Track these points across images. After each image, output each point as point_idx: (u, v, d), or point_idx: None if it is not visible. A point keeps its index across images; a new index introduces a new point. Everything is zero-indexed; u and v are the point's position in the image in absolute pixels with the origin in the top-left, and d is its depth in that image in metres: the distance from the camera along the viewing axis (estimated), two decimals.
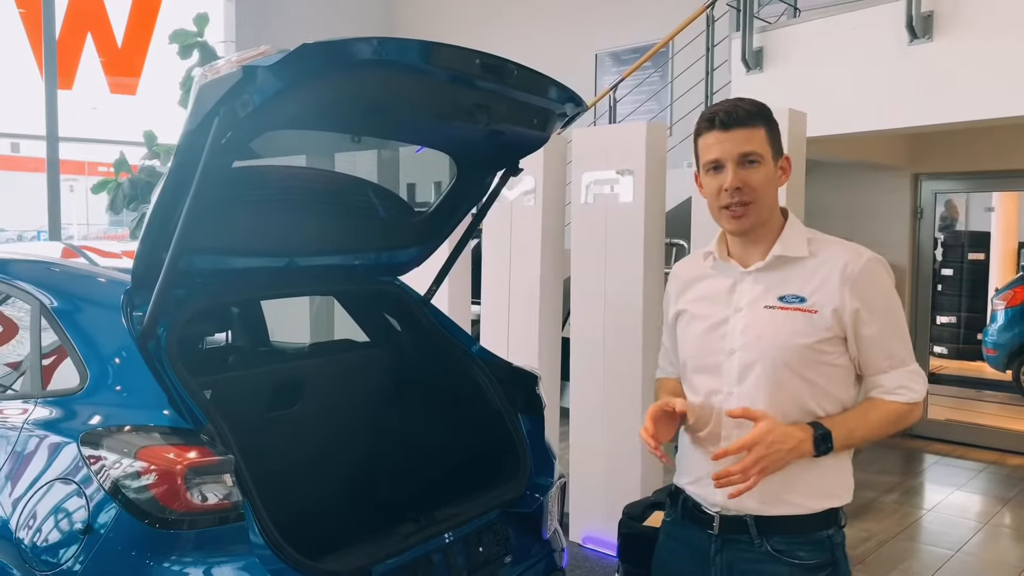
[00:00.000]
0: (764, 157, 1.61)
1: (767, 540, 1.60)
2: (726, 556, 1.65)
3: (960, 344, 9.42)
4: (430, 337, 2.92)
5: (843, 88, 4.66)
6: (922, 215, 6.65)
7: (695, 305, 1.76)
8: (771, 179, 1.63)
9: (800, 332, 1.59)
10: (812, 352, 1.59)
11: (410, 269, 3.01)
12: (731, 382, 1.65)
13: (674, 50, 7.06)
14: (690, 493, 1.73)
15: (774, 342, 1.61)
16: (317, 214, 2.62)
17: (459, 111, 2.13)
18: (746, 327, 1.64)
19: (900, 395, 1.63)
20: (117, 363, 2.10)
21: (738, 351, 1.64)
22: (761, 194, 1.62)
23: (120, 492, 1.84)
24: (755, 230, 1.66)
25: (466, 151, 2.59)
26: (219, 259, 2.37)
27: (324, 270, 2.73)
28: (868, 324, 1.59)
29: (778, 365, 1.60)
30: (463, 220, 2.95)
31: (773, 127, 1.66)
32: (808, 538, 1.61)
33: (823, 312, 1.59)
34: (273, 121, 1.90)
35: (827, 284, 1.60)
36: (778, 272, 1.65)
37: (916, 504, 5.17)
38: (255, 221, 2.42)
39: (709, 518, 1.67)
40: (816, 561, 1.61)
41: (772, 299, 1.63)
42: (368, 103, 1.99)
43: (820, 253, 1.64)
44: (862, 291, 1.59)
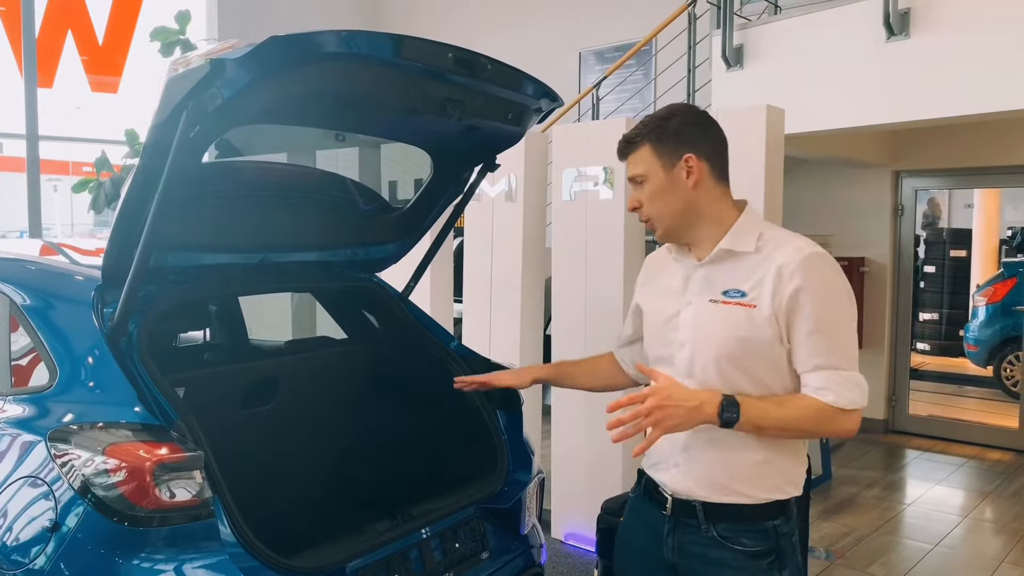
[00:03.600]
0: (648, 174, 1.70)
1: (713, 526, 1.66)
2: (677, 537, 1.72)
3: (942, 340, 9.50)
4: (408, 334, 2.91)
5: (822, 85, 4.69)
6: (903, 212, 6.69)
7: (654, 299, 1.84)
8: (665, 189, 1.70)
9: (739, 326, 1.63)
10: (752, 345, 1.62)
11: (388, 265, 3.00)
12: (682, 374, 1.69)
13: (657, 47, 7.08)
14: (650, 475, 1.81)
15: (716, 335, 1.65)
16: (292, 209, 2.61)
17: (431, 105, 2.12)
18: (693, 320, 1.70)
19: (823, 395, 1.60)
20: (87, 360, 2.08)
21: (687, 344, 1.70)
22: (656, 208, 1.72)
23: (89, 490, 1.82)
24: (680, 234, 1.74)
25: (441, 146, 2.59)
26: (191, 255, 2.36)
27: (300, 267, 2.71)
28: (799, 322, 1.60)
29: (721, 358, 1.64)
30: (441, 216, 2.95)
31: (660, 138, 1.71)
32: (752, 527, 1.66)
33: (761, 307, 1.62)
34: (243, 115, 1.89)
35: (766, 279, 1.63)
36: (724, 266, 1.69)
37: (897, 499, 5.20)
38: (228, 217, 2.41)
39: (663, 499, 1.74)
40: (759, 548, 1.65)
41: (716, 293, 1.68)
42: (339, 97, 1.98)
43: (766, 248, 1.67)
44: (797, 288, 1.59)
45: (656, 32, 6.57)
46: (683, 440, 1.69)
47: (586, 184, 4.08)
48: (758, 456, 1.65)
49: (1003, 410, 7.36)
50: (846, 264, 6.57)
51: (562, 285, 4.18)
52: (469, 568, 2.43)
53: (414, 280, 3.00)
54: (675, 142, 1.70)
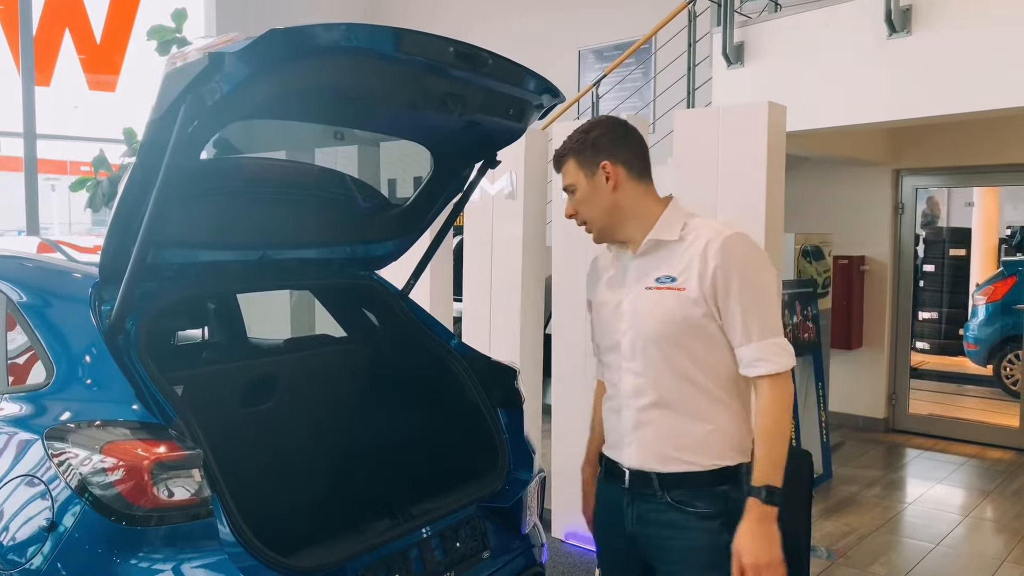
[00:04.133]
0: (575, 184, 1.90)
1: (668, 493, 1.82)
2: (636, 508, 1.88)
3: (942, 339, 9.49)
4: (408, 332, 2.89)
5: (823, 82, 4.68)
6: (903, 211, 6.68)
7: (602, 293, 1.99)
8: (590, 196, 1.88)
9: (673, 308, 1.79)
10: (687, 326, 1.77)
11: (388, 263, 2.98)
12: (627, 357, 1.86)
13: (656, 46, 7.06)
14: (608, 456, 1.96)
15: (653, 320, 1.81)
16: (291, 206, 2.58)
17: (432, 100, 2.10)
18: (632, 308, 1.86)
19: (758, 367, 1.75)
20: (84, 358, 2.06)
21: (628, 330, 1.86)
22: (586, 212, 1.90)
23: (86, 488, 1.80)
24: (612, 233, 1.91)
25: (442, 142, 2.56)
26: (189, 252, 2.33)
27: (299, 264, 2.69)
28: (726, 297, 1.75)
29: (660, 339, 1.80)
30: (441, 213, 2.93)
31: (581, 151, 1.89)
32: (704, 492, 1.80)
33: (690, 288, 1.77)
34: (242, 110, 1.87)
35: (692, 262, 1.78)
36: (655, 255, 1.86)
37: (897, 498, 5.19)
38: (226, 213, 2.38)
39: (622, 474, 1.90)
40: (710, 511, 1.79)
41: (650, 280, 1.84)
42: (339, 92, 1.96)
43: (690, 236, 1.82)
44: (720, 266, 1.75)
45: (656, 30, 6.55)
46: (633, 420, 1.85)
47: None
48: (703, 428, 1.80)
49: (1003, 409, 7.35)
50: (846, 262, 6.56)
51: (563, 284, 4.16)
52: (470, 567, 2.41)
53: (414, 278, 2.98)
54: (593, 152, 1.88)
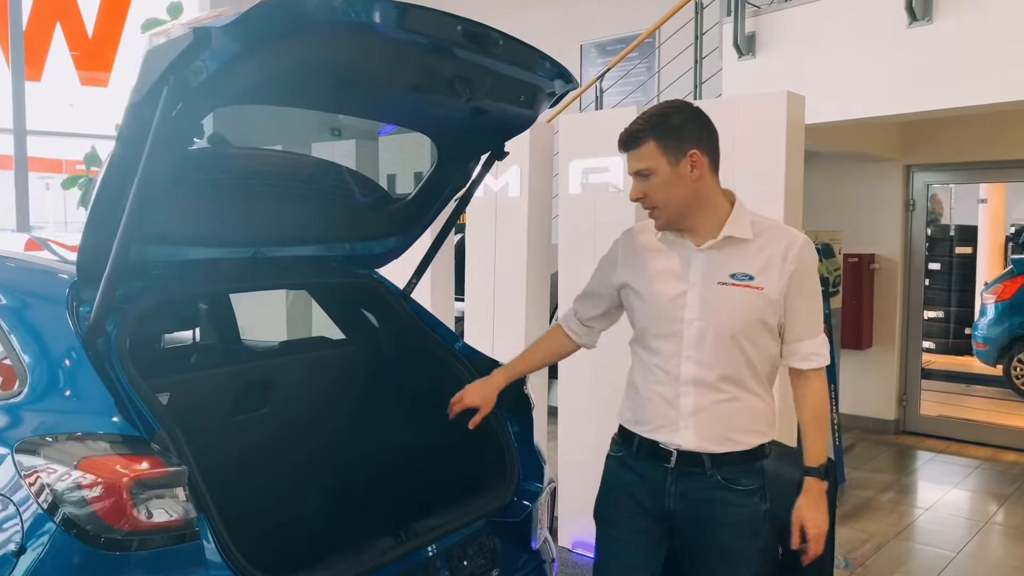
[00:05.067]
0: (655, 168, 1.84)
1: (718, 471, 1.90)
2: (680, 486, 1.93)
3: (949, 339, 9.35)
4: (410, 333, 2.73)
5: (839, 73, 4.51)
6: (914, 207, 6.52)
7: (652, 281, 1.96)
8: (671, 182, 1.84)
9: (749, 306, 1.85)
10: (759, 322, 1.87)
11: (389, 261, 2.82)
12: (690, 347, 1.90)
13: (660, 39, 6.90)
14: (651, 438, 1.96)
15: (727, 314, 1.86)
16: (286, 200, 2.42)
17: (438, 84, 1.94)
18: (703, 300, 1.88)
19: (813, 361, 1.92)
20: (60, 364, 1.89)
21: (696, 321, 1.88)
22: (662, 199, 1.87)
23: (59, 509, 1.64)
24: (680, 222, 1.90)
25: (447, 131, 2.40)
26: (176, 249, 2.17)
27: (294, 262, 2.53)
28: (797, 298, 1.87)
29: (730, 333, 1.86)
30: (445, 208, 2.76)
31: (665, 133, 1.84)
32: (747, 468, 1.92)
33: (768, 289, 1.85)
34: (229, 92, 1.70)
35: (771, 264, 1.85)
36: (727, 251, 1.88)
37: (913, 503, 5.03)
38: (217, 207, 2.22)
39: (667, 454, 1.93)
40: (753, 486, 1.92)
41: (724, 276, 1.87)
42: (337, 73, 1.80)
43: (763, 235, 1.88)
44: (797, 270, 1.86)
45: (661, 23, 6.39)
46: (693, 404, 1.90)
47: (595, 176, 3.90)
48: (752, 412, 1.91)
49: (1015, 410, 7.22)
50: (856, 260, 6.41)
51: (569, 282, 3.99)
52: None
53: (416, 276, 2.82)
54: (678, 138, 1.84)
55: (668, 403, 1.92)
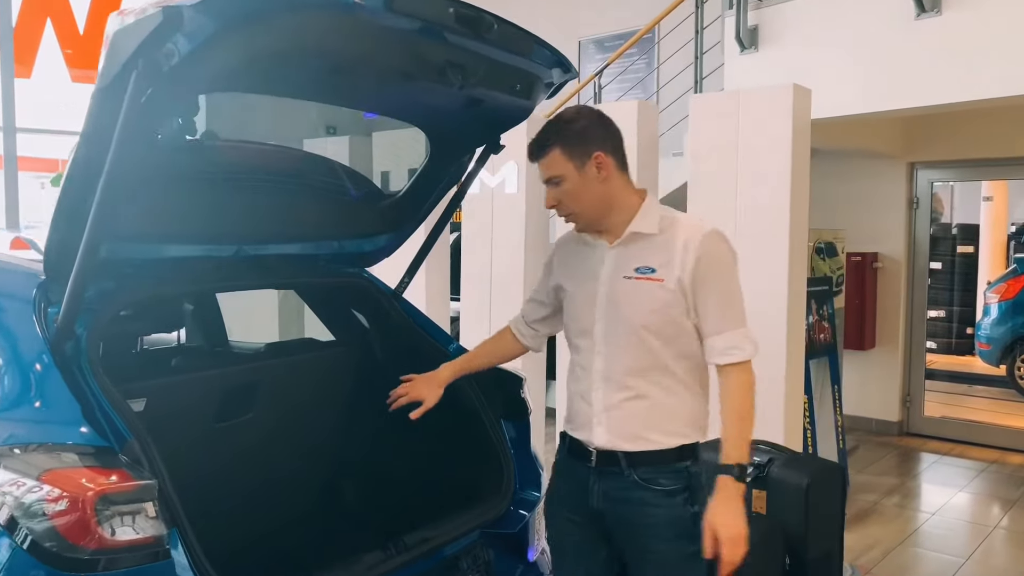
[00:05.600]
0: (564, 175, 1.85)
1: (634, 471, 1.87)
2: (602, 485, 1.91)
3: (952, 339, 9.25)
4: (402, 335, 2.62)
5: (845, 67, 4.40)
6: (918, 205, 6.42)
7: (572, 280, 2.00)
8: (580, 187, 1.85)
9: (650, 298, 1.85)
10: (663, 315, 1.85)
11: (380, 259, 2.71)
12: (600, 342, 1.90)
13: (660, 35, 6.79)
14: (574, 436, 1.98)
15: (630, 308, 1.87)
16: (271, 196, 2.31)
17: (428, 70, 1.82)
18: (609, 296, 1.90)
19: (731, 355, 1.86)
20: (25, 368, 1.78)
21: (604, 316, 1.90)
22: (574, 204, 1.88)
23: (19, 524, 1.52)
24: (597, 223, 1.91)
25: (440, 123, 2.29)
26: (152, 247, 2.06)
27: (281, 260, 2.41)
28: (705, 290, 1.84)
29: (636, 327, 1.86)
30: (438, 204, 2.65)
31: (569, 139, 1.84)
32: (667, 469, 1.88)
33: (668, 280, 1.84)
34: (204, 77, 1.59)
35: (672, 256, 1.84)
36: (634, 247, 1.89)
37: (919, 507, 4.93)
38: (196, 203, 2.11)
39: (588, 452, 1.93)
40: (675, 487, 1.87)
41: (629, 271, 1.88)
42: (320, 57, 1.68)
43: (668, 230, 1.87)
44: (700, 261, 1.82)
45: (661, 17, 6.28)
46: (603, 401, 1.89)
47: None
48: (667, 409, 1.88)
49: (1019, 411, 7.11)
50: (859, 259, 6.30)
51: None
52: None
53: (408, 276, 2.70)
54: (582, 142, 1.85)
55: (585, 400, 1.94)
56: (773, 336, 3.35)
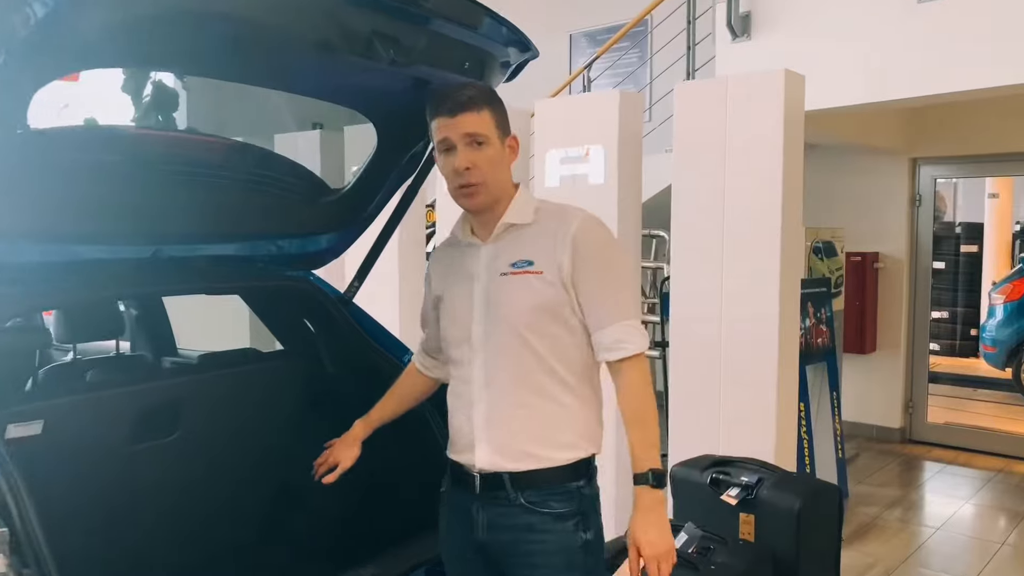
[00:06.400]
0: (490, 138, 1.68)
1: (521, 494, 1.69)
2: (487, 513, 1.72)
3: (956, 340, 8.99)
4: (350, 345, 2.37)
5: (842, 55, 4.14)
6: (921, 203, 6.16)
7: (449, 286, 1.82)
8: (498, 159, 1.70)
9: (530, 293, 1.68)
10: (545, 312, 1.68)
11: (326, 261, 2.47)
12: (480, 347, 1.72)
13: (652, 25, 6.54)
14: (455, 461, 1.78)
15: (508, 305, 1.70)
16: (195, 191, 2.05)
17: (352, 41, 1.57)
18: (487, 296, 1.73)
19: (620, 350, 1.68)
20: None
21: (483, 319, 1.72)
22: (489, 174, 1.69)
23: None
24: (491, 208, 1.73)
25: (383, 108, 2.04)
26: (49, 247, 1.81)
27: (208, 263, 2.16)
28: (583, 279, 1.68)
29: (516, 327, 1.68)
30: (391, 199, 2.40)
31: (499, 109, 1.72)
32: (558, 489, 1.69)
33: (547, 272, 1.68)
34: (72, 46, 1.33)
35: (548, 245, 1.69)
36: (509, 240, 1.73)
37: (923, 521, 4.66)
38: (102, 198, 1.85)
39: (471, 479, 1.73)
40: (565, 510, 1.69)
41: (505, 266, 1.72)
42: (217, 23, 1.42)
43: (544, 219, 1.73)
44: (576, 248, 1.67)
45: (652, 7, 6.02)
46: (484, 415, 1.71)
47: (574, 167, 3.54)
48: (556, 420, 1.70)
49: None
50: (859, 259, 6.05)
51: None
52: None
53: (359, 279, 2.45)
54: (506, 119, 1.73)
55: (466, 418, 1.74)
56: (764, 341, 3.10)
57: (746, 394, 3.17)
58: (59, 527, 1.70)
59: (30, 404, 1.80)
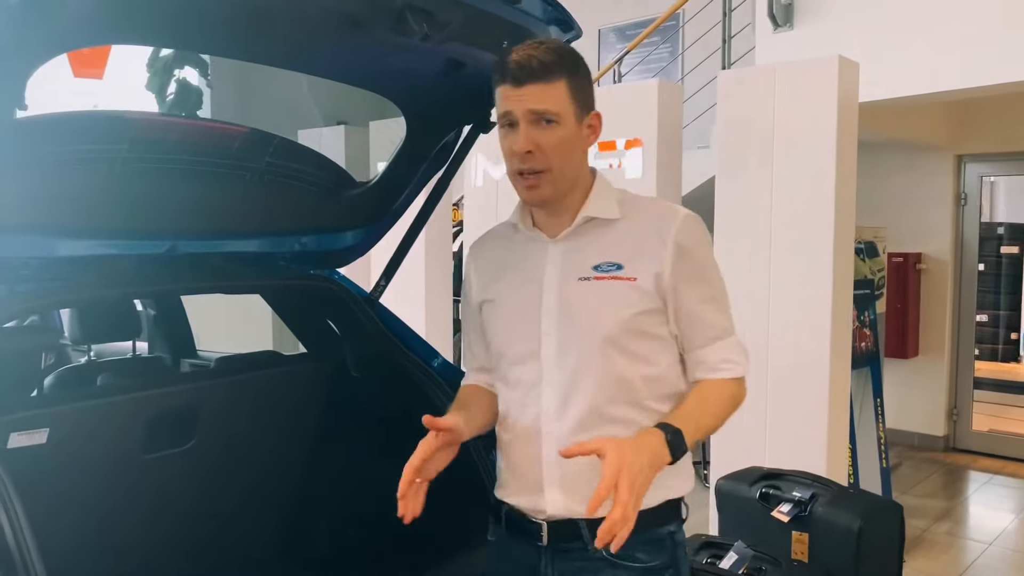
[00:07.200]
0: (563, 116, 1.37)
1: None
2: (558, 567, 1.44)
3: (998, 344, 8.70)
4: (377, 348, 2.22)
5: (889, 45, 3.93)
6: (966, 201, 5.93)
7: (502, 289, 1.50)
8: (573, 141, 1.39)
9: (620, 303, 1.40)
10: (636, 325, 1.41)
11: (352, 259, 2.33)
12: (551, 369, 1.43)
13: (684, 19, 6.35)
14: (513, 505, 1.48)
15: (593, 318, 1.41)
16: (213, 183, 1.92)
17: (383, 14, 1.42)
18: (561, 304, 1.43)
19: (724, 370, 1.45)
20: None
21: (555, 332, 1.43)
22: (558, 157, 1.38)
23: None
24: (560, 199, 1.43)
25: (414, 92, 1.89)
26: (57, 242, 1.68)
27: (226, 260, 2.02)
28: (686, 289, 1.42)
29: (600, 344, 1.40)
30: (419, 193, 2.26)
31: (579, 79, 1.39)
32: (646, 537, 1.40)
33: (641, 278, 1.41)
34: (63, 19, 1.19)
35: (644, 246, 1.42)
36: (589, 238, 1.45)
37: (973, 535, 4.44)
38: (116, 190, 1.72)
39: (536, 527, 1.44)
40: (657, 563, 1.42)
41: (586, 269, 1.43)
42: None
43: (632, 214, 1.45)
44: (680, 252, 1.41)
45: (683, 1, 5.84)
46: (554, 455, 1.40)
47: (600, 162, 3.38)
48: None
49: None
50: (900, 260, 5.83)
51: None
52: None
53: (385, 278, 2.31)
54: (588, 90, 1.42)
55: (529, 455, 1.43)
56: (815, 348, 2.91)
57: (795, 403, 2.98)
58: (63, 543, 1.58)
59: (36, 410, 1.68)
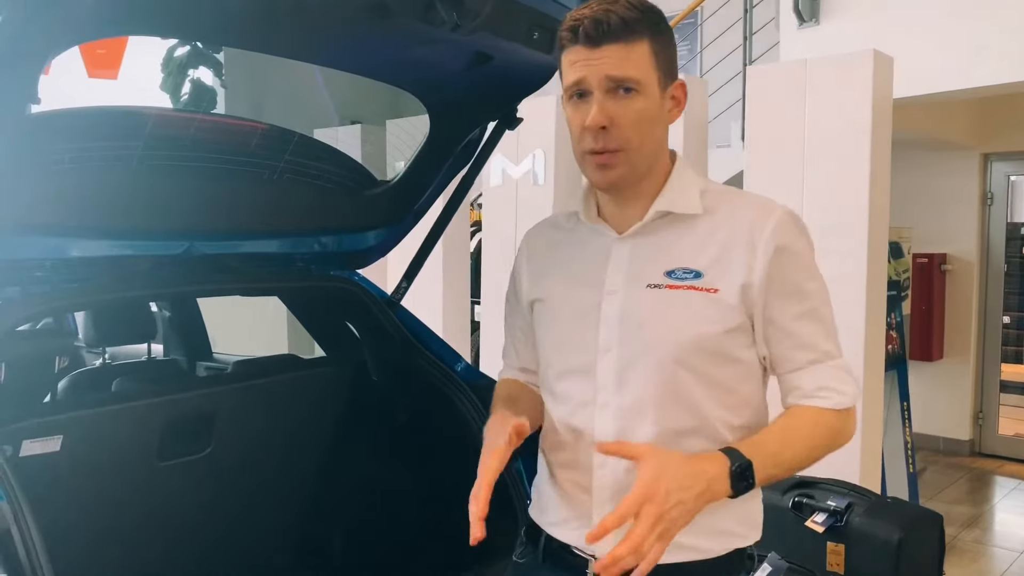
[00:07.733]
0: (644, 84, 1.15)
1: None
2: None
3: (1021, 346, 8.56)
4: (397, 352, 2.16)
5: (919, 39, 3.83)
6: (992, 201, 5.82)
7: (556, 288, 1.30)
8: (654, 115, 1.18)
9: (696, 318, 1.19)
10: (712, 345, 1.19)
11: (373, 259, 2.27)
12: (607, 388, 1.23)
13: (703, 17, 6.27)
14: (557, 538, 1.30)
15: (663, 333, 1.20)
16: (231, 182, 1.86)
17: (413, 3, 1.35)
18: (624, 314, 1.22)
19: (823, 398, 1.20)
20: None
21: (615, 347, 1.22)
22: (637, 134, 1.16)
23: None
24: (634, 183, 1.22)
25: (438, 86, 1.82)
26: (71, 242, 1.62)
27: (244, 261, 1.96)
28: (782, 304, 1.19)
29: (668, 363, 1.19)
30: (442, 192, 2.19)
31: (664, 41, 1.18)
32: None
33: (725, 289, 1.18)
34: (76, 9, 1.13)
35: (729, 251, 1.19)
36: (663, 237, 1.23)
37: (1003, 543, 4.34)
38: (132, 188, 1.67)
39: (583, 563, 1.25)
40: None
41: (657, 275, 1.21)
42: None
43: (718, 210, 1.23)
44: (778, 259, 1.18)
45: None
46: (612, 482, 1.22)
47: None
48: None
49: None
50: (925, 261, 5.73)
51: None
52: None
53: (407, 280, 2.25)
54: (673, 55, 1.21)
55: (578, 483, 1.25)
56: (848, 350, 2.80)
57: None
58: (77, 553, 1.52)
59: (49, 417, 1.62)
